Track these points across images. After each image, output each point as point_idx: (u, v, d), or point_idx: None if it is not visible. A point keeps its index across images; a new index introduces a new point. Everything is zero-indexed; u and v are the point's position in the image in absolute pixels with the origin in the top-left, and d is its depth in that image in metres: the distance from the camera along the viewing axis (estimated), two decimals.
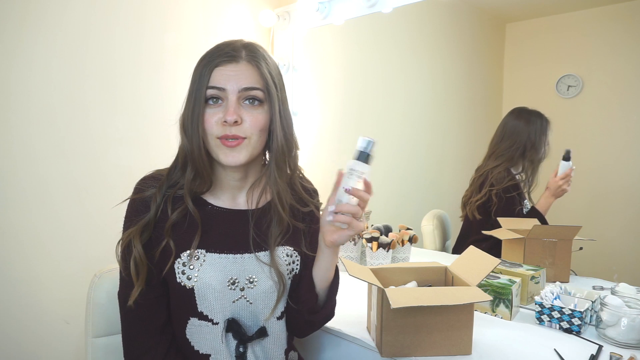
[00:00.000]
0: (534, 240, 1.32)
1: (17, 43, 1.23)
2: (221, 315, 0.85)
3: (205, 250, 0.85)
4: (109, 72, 1.42)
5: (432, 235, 1.78)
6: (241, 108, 0.81)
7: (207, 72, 0.81)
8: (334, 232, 0.84)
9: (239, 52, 0.82)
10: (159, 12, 1.53)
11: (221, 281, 0.84)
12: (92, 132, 1.39)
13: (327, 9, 1.70)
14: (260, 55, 0.85)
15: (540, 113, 1.53)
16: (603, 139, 1.49)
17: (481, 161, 1.63)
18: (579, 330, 1.01)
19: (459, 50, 1.90)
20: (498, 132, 1.60)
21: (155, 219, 0.84)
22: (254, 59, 0.83)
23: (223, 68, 0.81)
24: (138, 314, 0.85)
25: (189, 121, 0.82)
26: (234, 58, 0.81)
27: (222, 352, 0.85)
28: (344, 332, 1.05)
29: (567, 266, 1.32)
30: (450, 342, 0.92)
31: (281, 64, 1.85)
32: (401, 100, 2.04)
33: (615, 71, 1.46)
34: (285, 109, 0.87)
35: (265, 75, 0.82)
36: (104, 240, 1.37)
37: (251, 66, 0.82)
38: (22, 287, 1.28)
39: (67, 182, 1.35)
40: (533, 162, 1.53)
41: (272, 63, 0.87)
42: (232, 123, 0.80)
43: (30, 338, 1.30)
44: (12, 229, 1.26)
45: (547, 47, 1.61)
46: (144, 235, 0.83)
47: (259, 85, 0.82)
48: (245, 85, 0.81)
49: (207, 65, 0.82)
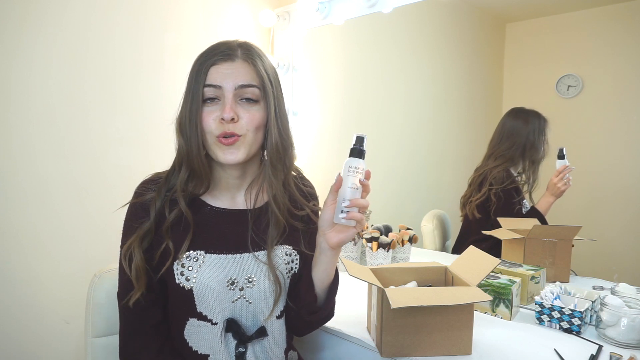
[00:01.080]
0: (534, 240, 1.32)
1: (17, 43, 1.23)
2: (220, 316, 0.85)
3: (205, 251, 0.85)
4: (109, 72, 1.42)
5: (432, 235, 1.78)
6: (238, 106, 0.82)
7: (203, 70, 0.82)
8: (340, 232, 0.83)
9: (235, 51, 0.83)
10: (159, 12, 1.53)
11: (220, 281, 0.84)
12: (92, 132, 1.39)
13: (327, 9, 1.70)
14: (256, 53, 0.86)
15: (538, 112, 1.53)
16: (603, 139, 1.49)
17: (480, 161, 1.63)
18: (579, 330, 1.01)
19: (459, 50, 1.90)
20: (497, 133, 1.61)
21: (155, 225, 0.85)
22: (249, 57, 0.84)
23: (219, 66, 0.82)
24: (136, 313, 0.86)
25: (187, 120, 0.82)
26: (229, 56, 0.82)
27: (221, 352, 0.85)
28: (344, 332, 1.05)
29: (567, 266, 1.32)
30: (450, 342, 0.92)
31: (281, 64, 1.85)
32: (401, 100, 2.04)
33: (616, 71, 1.46)
34: (280, 108, 0.88)
35: (261, 73, 0.83)
36: (104, 240, 1.37)
37: (247, 64, 0.83)
38: (22, 287, 1.28)
39: (67, 182, 1.35)
40: (534, 162, 1.53)
41: (268, 62, 0.88)
42: (229, 120, 0.80)
43: (30, 338, 1.30)
44: (12, 229, 1.26)
45: (547, 47, 1.61)
46: (145, 243, 0.84)
47: (255, 82, 0.83)
48: (242, 82, 0.82)
49: (203, 64, 0.82)
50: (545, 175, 1.50)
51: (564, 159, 1.44)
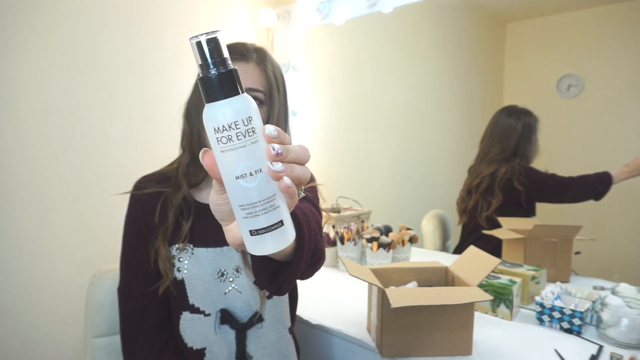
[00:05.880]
0: (534, 240, 1.32)
1: (15, 42, 1.23)
2: (212, 307, 0.87)
3: (193, 245, 0.88)
4: (108, 72, 1.41)
5: (432, 235, 1.78)
6: None
7: None
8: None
9: (250, 54, 0.86)
10: (159, 12, 1.52)
11: (210, 273, 0.86)
12: (91, 133, 1.39)
13: (327, 8, 1.70)
14: (269, 59, 0.88)
15: (529, 111, 1.53)
16: (603, 138, 1.49)
17: (473, 161, 1.63)
18: (580, 331, 1.01)
19: (459, 50, 1.90)
20: (488, 132, 1.60)
21: (174, 223, 0.87)
22: (262, 61, 0.86)
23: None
24: (137, 310, 0.87)
25: (193, 107, 0.86)
26: (244, 57, 0.85)
27: (217, 343, 0.86)
28: (344, 332, 1.05)
29: (568, 266, 1.32)
30: (451, 342, 0.92)
31: (281, 63, 1.85)
32: (401, 100, 2.03)
33: (616, 70, 1.46)
34: (282, 114, 0.89)
35: (270, 79, 0.85)
36: (103, 240, 1.37)
37: (259, 68, 0.85)
38: (21, 288, 1.28)
39: (66, 182, 1.34)
40: (528, 161, 1.53)
41: (278, 68, 0.90)
42: None
43: (30, 338, 1.29)
44: (11, 229, 1.25)
45: (547, 46, 1.60)
46: (164, 239, 0.87)
47: (261, 87, 0.85)
48: (250, 85, 0.83)
49: None
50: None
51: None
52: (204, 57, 0.40)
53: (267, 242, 0.42)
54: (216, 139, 0.40)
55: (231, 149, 0.39)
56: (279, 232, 0.42)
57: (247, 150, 0.39)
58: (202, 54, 0.40)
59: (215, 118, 0.39)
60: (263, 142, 0.41)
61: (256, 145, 0.40)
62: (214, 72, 0.40)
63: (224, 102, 0.39)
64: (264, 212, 0.41)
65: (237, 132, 0.39)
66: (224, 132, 0.39)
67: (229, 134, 0.39)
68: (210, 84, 0.40)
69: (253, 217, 0.41)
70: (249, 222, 0.41)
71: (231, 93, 0.40)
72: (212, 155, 0.41)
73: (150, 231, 0.87)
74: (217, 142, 0.40)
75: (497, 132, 1.56)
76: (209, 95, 0.40)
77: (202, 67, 0.40)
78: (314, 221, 0.65)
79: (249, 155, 0.40)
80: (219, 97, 0.40)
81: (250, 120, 0.40)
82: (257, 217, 0.41)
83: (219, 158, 0.40)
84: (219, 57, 0.40)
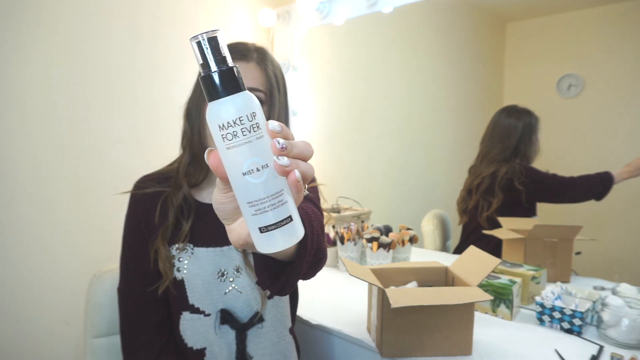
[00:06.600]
0: (534, 240, 1.32)
1: (17, 42, 1.23)
2: (212, 307, 0.86)
3: (193, 244, 0.87)
4: (109, 72, 1.41)
5: (432, 235, 1.78)
6: None
7: None
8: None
9: (251, 53, 0.85)
10: (159, 12, 1.52)
11: (210, 273, 0.86)
12: (92, 132, 1.39)
13: (327, 8, 1.70)
14: (269, 59, 0.88)
15: (530, 111, 1.52)
16: (604, 138, 1.49)
17: (473, 161, 1.63)
18: (580, 331, 1.01)
19: (459, 49, 1.90)
20: (488, 132, 1.60)
21: (174, 223, 0.87)
22: (262, 61, 0.86)
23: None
24: (137, 310, 0.87)
25: (194, 107, 0.86)
26: (245, 57, 0.85)
27: (217, 343, 0.86)
28: (344, 332, 1.04)
29: (568, 266, 1.32)
30: (451, 342, 0.92)
31: (281, 63, 1.85)
32: (401, 100, 2.03)
33: (616, 70, 1.46)
34: (283, 114, 0.89)
35: (270, 79, 0.85)
36: (103, 240, 1.37)
37: (259, 68, 0.85)
38: (21, 287, 1.28)
39: (67, 182, 1.34)
40: (529, 161, 1.53)
41: (279, 69, 0.90)
42: None
43: (30, 338, 1.29)
44: (11, 228, 1.25)
45: (547, 46, 1.61)
46: (164, 239, 0.87)
47: (262, 87, 0.84)
48: (250, 85, 0.83)
49: None
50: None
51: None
52: (204, 56, 0.40)
53: (277, 238, 0.41)
54: (221, 136, 0.39)
55: (237, 145, 0.39)
56: (288, 227, 0.41)
57: (252, 146, 0.39)
58: (202, 53, 0.40)
59: (220, 115, 0.39)
60: (267, 137, 0.40)
61: (261, 140, 0.40)
62: (215, 70, 0.40)
63: (228, 99, 0.40)
64: (272, 208, 0.40)
65: (242, 128, 0.39)
66: (229, 128, 0.39)
67: (234, 130, 0.39)
68: (212, 82, 0.40)
69: (262, 213, 0.40)
70: (258, 219, 0.41)
71: (234, 90, 0.40)
72: (218, 155, 0.41)
73: (150, 231, 0.87)
74: (222, 139, 0.39)
75: (498, 132, 1.56)
76: (212, 94, 0.40)
77: (203, 66, 0.40)
78: (316, 221, 0.65)
79: (255, 151, 0.39)
80: (222, 95, 0.40)
81: (255, 115, 0.40)
82: (265, 213, 0.40)
83: (225, 155, 0.40)
84: (219, 55, 0.40)
